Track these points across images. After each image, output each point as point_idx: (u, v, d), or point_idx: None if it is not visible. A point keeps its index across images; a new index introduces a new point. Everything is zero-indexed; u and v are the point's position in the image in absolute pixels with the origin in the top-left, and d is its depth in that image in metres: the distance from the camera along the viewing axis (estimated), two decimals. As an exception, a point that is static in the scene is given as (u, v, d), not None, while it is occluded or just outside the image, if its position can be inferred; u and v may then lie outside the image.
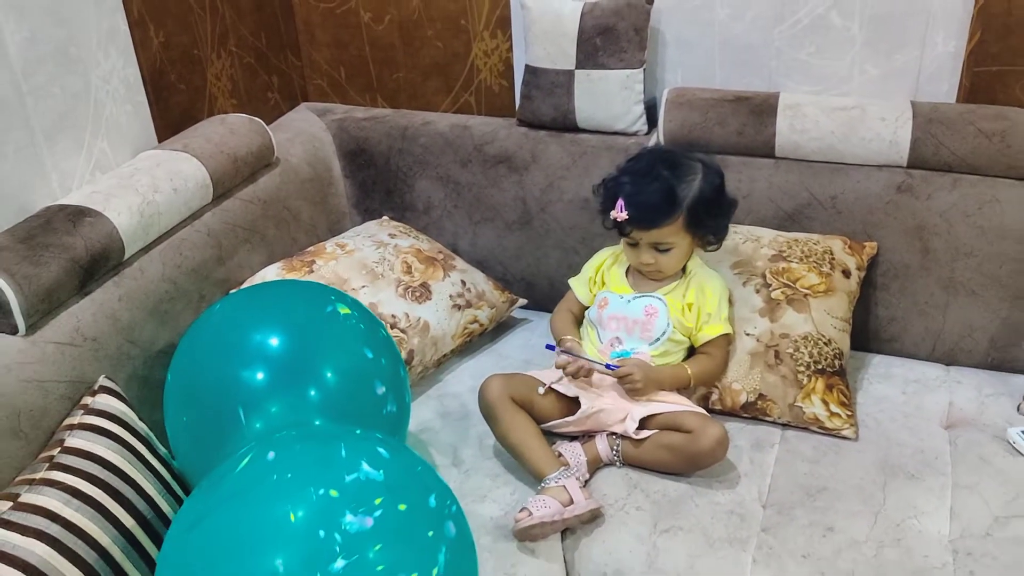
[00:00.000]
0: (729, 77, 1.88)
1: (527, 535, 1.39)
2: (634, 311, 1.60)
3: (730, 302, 1.63)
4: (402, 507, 1.00)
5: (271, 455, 1.03)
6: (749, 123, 1.78)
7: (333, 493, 0.97)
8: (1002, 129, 1.65)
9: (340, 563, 0.93)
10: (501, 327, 1.94)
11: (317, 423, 1.21)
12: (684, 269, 1.61)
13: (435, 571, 0.99)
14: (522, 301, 1.96)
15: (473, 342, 1.86)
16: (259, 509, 0.97)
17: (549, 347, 1.59)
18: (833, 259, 1.68)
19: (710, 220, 1.55)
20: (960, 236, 1.69)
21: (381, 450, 1.05)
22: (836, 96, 1.80)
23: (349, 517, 0.96)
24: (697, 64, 1.90)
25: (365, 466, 1.01)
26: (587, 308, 1.69)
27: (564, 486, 1.43)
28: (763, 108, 1.78)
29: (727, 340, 1.59)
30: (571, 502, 1.41)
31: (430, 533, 1.01)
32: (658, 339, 1.58)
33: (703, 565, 1.37)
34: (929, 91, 1.77)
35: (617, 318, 1.61)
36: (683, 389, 1.57)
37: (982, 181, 1.68)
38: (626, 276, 1.65)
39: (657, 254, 1.55)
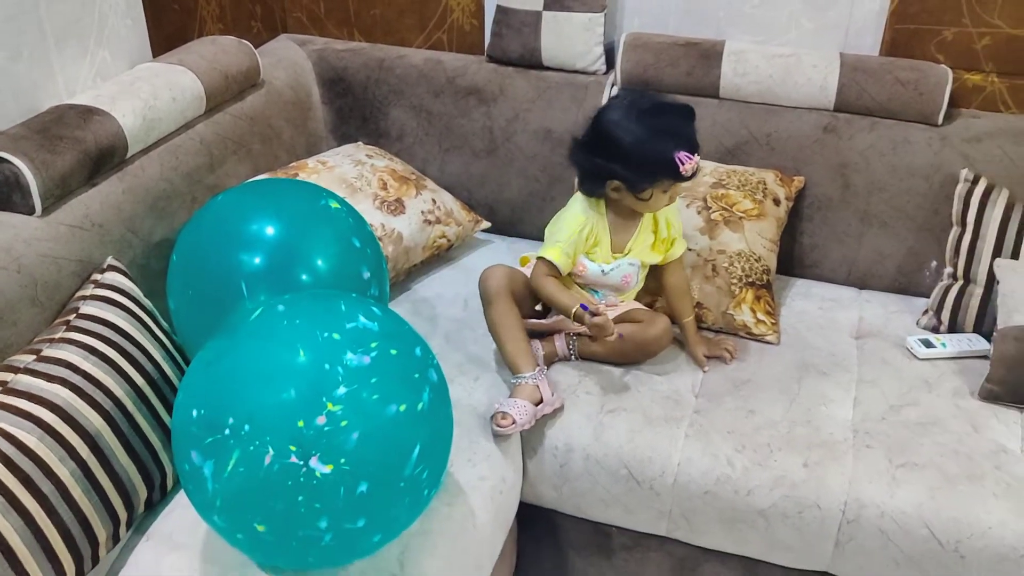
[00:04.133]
0: (681, 25, 2.08)
1: (504, 436, 1.56)
2: (612, 279, 1.69)
3: None
4: (393, 352, 1.17)
5: (281, 307, 1.20)
6: (697, 66, 1.98)
7: (336, 336, 1.14)
8: (915, 79, 1.87)
9: (342, 390, 1.10)
10: (465, 246, 2.12)
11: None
12: None
13: (420, 406, 1.16)
14: (486, 224, 2.14)
15: (440, 256, 2.04)
16: (273, 348, 1.14)
17: (583, 307, 1.57)
18: (766, 188, 1.89)
19: None
20: (876, 173, 1.92)
21: (375, 309, 1.22)
22: (775, 46, 2.01)
23: (349, 355, 1.13)
24: (653, 12, 2.09)
25: (362, 318, 1.18)
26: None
27: (537, 385, 1.59)
28: (710, 53, 1.97)
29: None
30: (541, 400, 1.59)
31: (416, 375, 1.18)
32: (628, 291, 1.75)
33: (642, 438, 1.58)
34: (856, 44, 1.98)
35: (593, 283, 1.72)
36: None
37: (897, 125, 1.91)
38: (609, 230, 1.67)
39: None
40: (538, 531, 1.74)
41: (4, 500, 1.14)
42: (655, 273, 1.77)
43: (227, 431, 1.09)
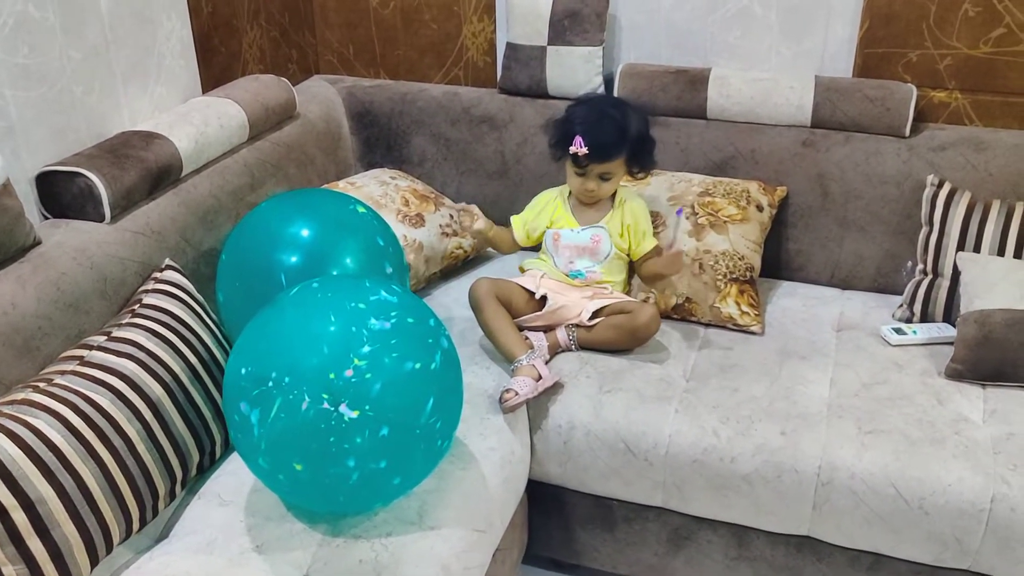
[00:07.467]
0: (672, 56, 2.30)
1: (512, 409, 1.76)
2: (583, 240, 1.95)
3: None
4: (410, 320, 1.37)
5: (315, 285, 1.41)
6: (686, 90, 2.19)
7: (361, 306, 1.35)
8: (883, 96, 2.07)
9: (367, 348, 1.30)
10: (480, 259, 2.33)
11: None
12: (614, 198, 1.98)
13: (432, 365, 1.36)
14: (499, 238, 2.35)
15: (457, 267, 2.25)
16: (310, 315, 1.35)
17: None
18: (749, 196, 2.09)
19: (643, 154, 1.92)
20: (851, 182, 2.11)
21: (395, 287, 1.43)
22: (756, 72, 2.22)
23: (373, 321, 1.33)
24: (646, 44, 2.32)
25: (383, 292, 1.39)
26: (520, 245, 2.05)
27: (533, 364, 1.80)
28: (697, 79, 2.19)
29: (658, 249, 1.98)
30: (540, 377, 1.79)
31: (430, 340, 1.39)
32: (604, 259, 1.96)
33: (636, 415, 1.76)
34: (830, 68, 2.19)
35: (570, 247, 1.97)
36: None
37: (868, 138, 2.10)
38: (571, 210, 1.99)
39: (600, 182, 1.92)
40: (547, 507, 1.91)
41: (84, 450, 1.35)
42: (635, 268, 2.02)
43: (271, 383, 1.29)
